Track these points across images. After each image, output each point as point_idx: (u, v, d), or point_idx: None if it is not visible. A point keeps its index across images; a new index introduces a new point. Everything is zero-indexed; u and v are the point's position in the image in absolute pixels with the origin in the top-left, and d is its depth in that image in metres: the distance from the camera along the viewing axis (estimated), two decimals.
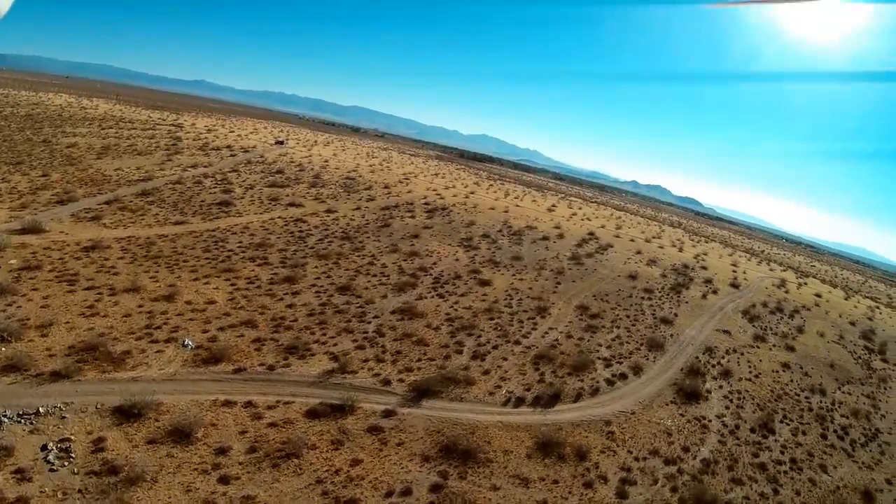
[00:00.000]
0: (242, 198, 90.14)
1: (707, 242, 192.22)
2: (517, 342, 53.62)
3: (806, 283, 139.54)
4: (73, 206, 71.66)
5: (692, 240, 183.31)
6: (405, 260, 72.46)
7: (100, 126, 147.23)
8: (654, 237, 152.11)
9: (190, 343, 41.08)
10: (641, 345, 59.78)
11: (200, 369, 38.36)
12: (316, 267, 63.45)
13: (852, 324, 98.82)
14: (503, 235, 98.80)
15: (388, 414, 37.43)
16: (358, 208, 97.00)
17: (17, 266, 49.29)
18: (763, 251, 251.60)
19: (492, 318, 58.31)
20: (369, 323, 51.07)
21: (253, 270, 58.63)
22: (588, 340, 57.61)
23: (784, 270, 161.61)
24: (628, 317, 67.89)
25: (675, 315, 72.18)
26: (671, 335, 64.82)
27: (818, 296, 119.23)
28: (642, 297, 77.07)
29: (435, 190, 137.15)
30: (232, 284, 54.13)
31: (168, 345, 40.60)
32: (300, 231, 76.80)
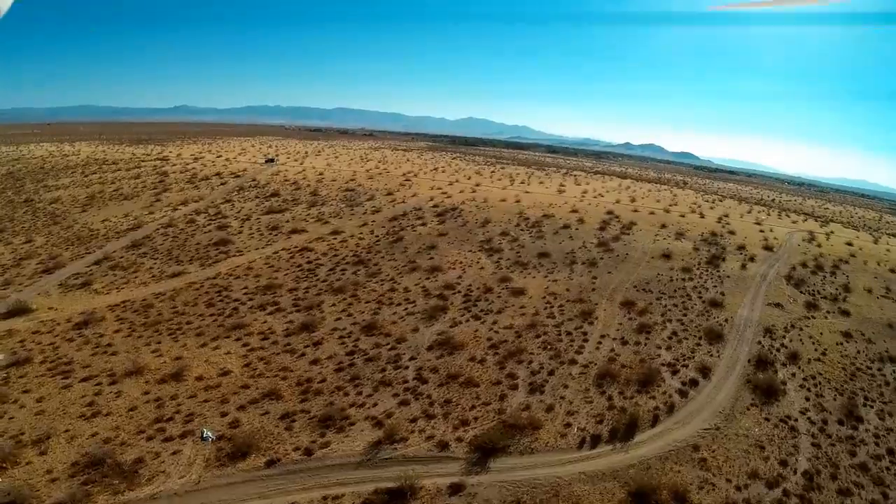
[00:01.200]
0: (240, 232, 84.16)
1: (721, 201, 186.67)
2: (573, 361, 47.81)
3: (833, 232, 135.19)
4: (61, 273, 66.02)
5: (707, 201, 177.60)
6: (428, 278, 66.47)
7: (83, 173, 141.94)
8: (670, 205, 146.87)
9: (210, 435, 34.75)
10: (700, 338, 54.82)
11: (227, 469, 32.17)
12: (333, 305, 57.20)
13: (893, 271, 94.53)
14: (522, 230, 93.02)
15: (455, 490, 31.47)
16: (364, 224, 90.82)
17: (4, 363, 43.28)
18: (774, 200, 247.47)
19: (538, 336, 52.45)
20: (407, 368, 44.90)
21: (265, 322, 52.41)
22: (645, 344, 52.33)
23: (805, 220, 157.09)
24: (676, 306, 62.75)
25: (722, 294, 67.45)
26: (725, 320, 59.94)
27: (850, 244, 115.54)
28: (683, 279, 72.21)
29: (440, 188, 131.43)
30: (245, 345, 47.96)
31: (185, 441, 34.39)
32: (308, 262, 70.73)
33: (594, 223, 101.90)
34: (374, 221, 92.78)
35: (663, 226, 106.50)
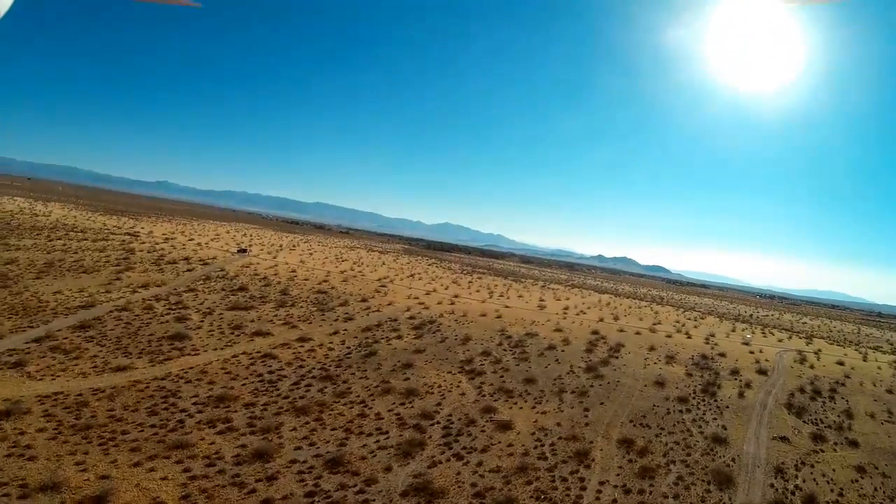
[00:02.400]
0: (200, 327, 76.61)
1: (703, 318, 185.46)
2: None
3: (820, 350, 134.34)
4: None
5: (689, 319, 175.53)
6: (403, 403, 59.18)
7: (48, 237, 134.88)
8: (654, 324, 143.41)
9: None
10: (709, 483, 49.66)
11: None
12: (294, 429, 49.41)
13: (890, 391, 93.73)
14: (505, 350, 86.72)
15: None
16: (335, 332, 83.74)
17: None
18: (752, 315, 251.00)
19: (529, 482, 45.47)
20: None
21: (213, 443, 44.55)
22: (650, 492, 46.45)
23: (789, 338, 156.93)
24: (678, 444, 57.53)
25: (724, 428, 63.36)
26: (732, 459, 55.38)
27: (840, 363, 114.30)
28: (680, 411, 67.77)
29: (416, 298, 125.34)
30: (186, 470, 39.96)
31: None
32: (270, 372, 63.01)
33: (580, 344, 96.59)
34: (345, 330, 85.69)
35: (652, 348, 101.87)
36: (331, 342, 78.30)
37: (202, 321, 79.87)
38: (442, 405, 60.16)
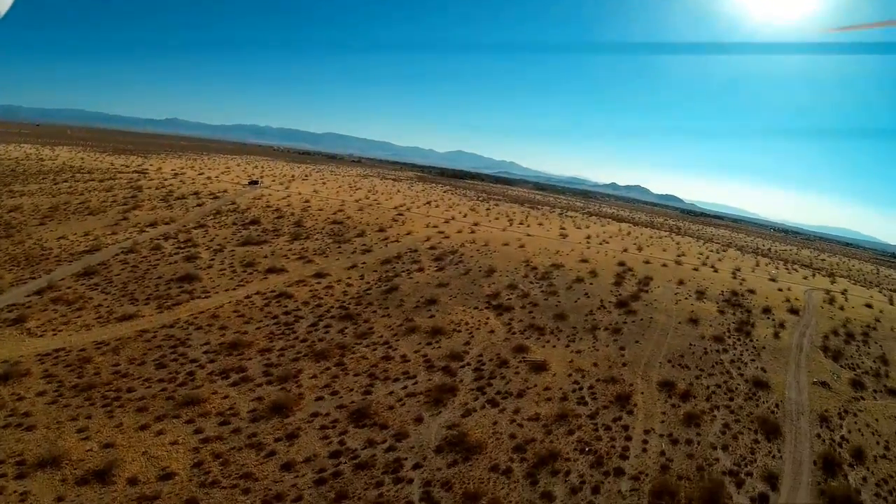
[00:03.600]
0: (210, 266, 72.64)
1: (725, 251, 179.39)
2: (619, 471, 37.22)
3: (847, 290, 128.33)
4: None
5: (712, 251, 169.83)
6: (429, 343, 55.13)
7: (53, 181, 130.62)
8: (679, 255, 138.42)
9: None
10: (756, 431, 45.76)
11: None
12: (314, 376, 45.45)
13: None
14: (532, 282, 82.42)
15: None
16: (353, 266, 79.45)
17: None
18: (771, 249, 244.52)
19: (571, 432, 41.60)
20: (411, 482, 33.44)
21: (227, 397, 40.72)
22: (698, 443, 42.57)
23: (812, 275, 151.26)
24: (720, 387, 53.49)
25: (764, 371, 59.12)
26: (776, 405, 51.42)
27: (869, 306, 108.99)
28: (718, 351, 63.46)
29: (435, 226, 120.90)
30: (197, 431, 36.20)
31: None
32: (286, 313, 58.89)
33: (608, 276, 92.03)
34: (364, 264, 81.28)
35: (681, 282, 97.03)
36: (349, 277, 74.18)
37: (213, 259, 75.89)
38: (471, 344, 56.21)
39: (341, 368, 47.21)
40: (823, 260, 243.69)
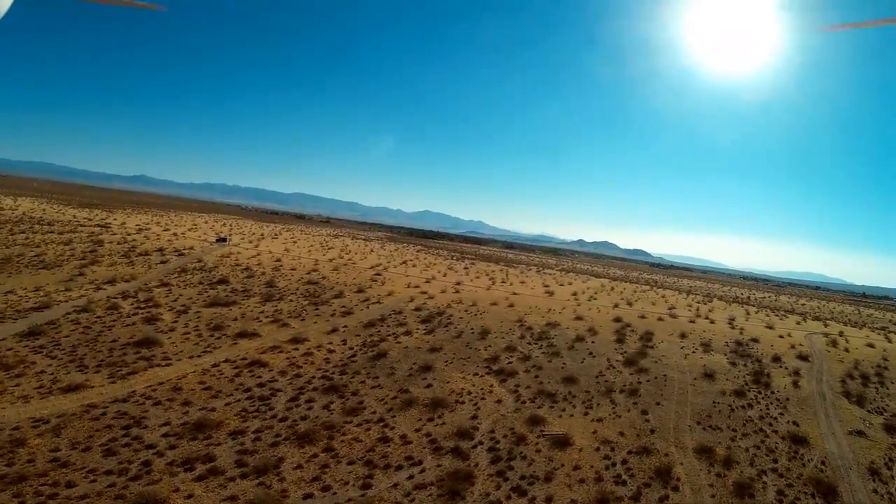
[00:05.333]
0: (173, 329, 63.77)
1: (710, 301, 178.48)
2: None
3: (843, 333, 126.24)
4: None
5: (698, 302, 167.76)
6: (431, 418, 47.10)
7: (10, 231, 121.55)
8: (670, 308, 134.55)
9: None
10: (812, 496, 41.79)
11: None
12: (299, 466, 36.86)
13: None
14: (530, 343, 75.42)
15: None
16: (334, 330, 71.16)
17: None
18: (750, 298, 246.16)
19: None
20: None
21: (191, 496, 31.98)
22: None
23: (803, 320, 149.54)
24: (758, 448, 49.02)
25: (796, 425, 55.50)
26: (822, 462, 47.86)
27: (871, 346, 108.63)
28: (742, 407, 59.04)
29: (417, 286, 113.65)
30: None
31: None
32: (260, 385, 50.14)
33: (608, 333, 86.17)
34: (345, 327, 72.84)
35: (683, 335, 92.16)
36: (330, 342, 65.72)
37: (176, 321, 67.16)
38: (478, 418, 48.45)
39: (331, 455, 38.71)
40: (803, 304, 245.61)
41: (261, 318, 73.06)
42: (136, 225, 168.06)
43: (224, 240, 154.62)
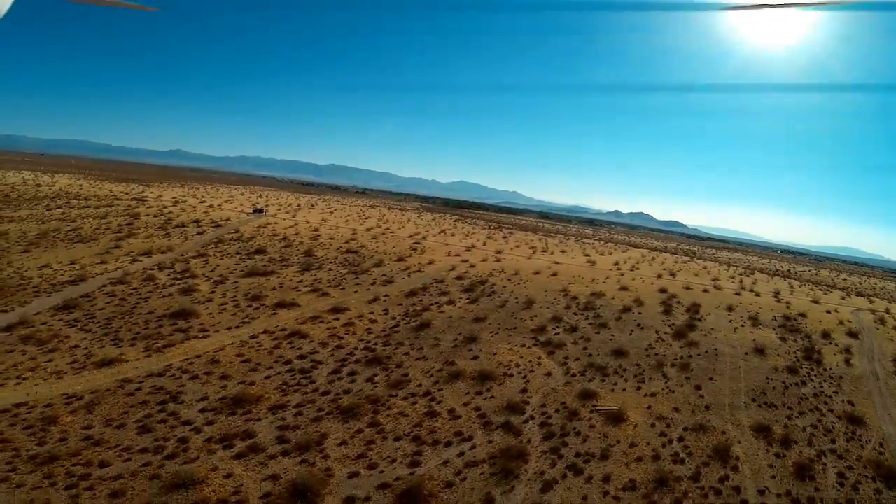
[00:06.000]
0: (210, 300, 62.47)
1: (752, 274, 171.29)
2: None
3: (889, 311, 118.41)
4: None
5: (740, 275, 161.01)
6: (478, 392, 44.91)
7: (47, 207, 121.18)
8: (714, 280, 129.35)
9: None
10: (874, 479, 38.74)
11: None
12: (343, 442, 35.02)
13: None
14: (576, 314, 72.48)
15: None
16: (375, 299, 69.19)
17: None
18: (790, 271, 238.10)
19: (678, 502, 32.71)
20: None
21: (230, 475, 30.31)
22: (820, 502, 35.02)
23: (848, 296, 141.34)
24: (815, 427, 46.04)
25: (851, 405, 51.92)
26: (880, 444, 44.62)
27: None
28: (796, 384, 55.46)
29: (457, 255, 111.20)
30: None
31: None
32: (300, 357, 48.51)
33: (654, 305, 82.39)
34: (386, 297, 70.86)
35: (730, 308, 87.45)
36: (371, 312, 63.81)
37: (213, 292, 65.81)
38: (528, 392, 46.18)
39: (377, 430, 36.77)
40: (844, 279, 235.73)
41: (300, 288, 71.45)
42: (173, 198, 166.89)
43: (260, 210, 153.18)
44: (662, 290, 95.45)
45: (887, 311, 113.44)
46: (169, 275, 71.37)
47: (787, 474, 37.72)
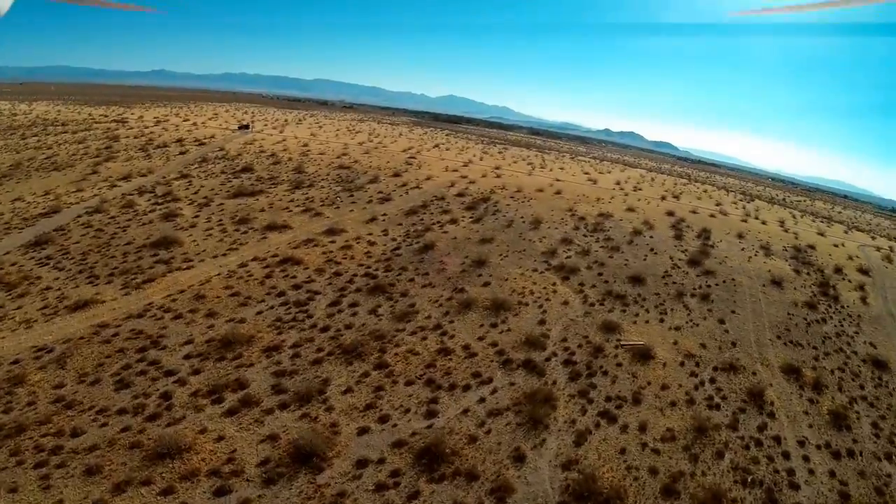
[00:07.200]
0: (194, 225, 57.45)
1: (751, 201, 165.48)
2: None
3: (894, 249, 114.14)
4: None
5: (741, 200, 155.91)
6: (494, 324, 40.82)
7: (22, 136, 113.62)
8: (717, 205, 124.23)
9: None
10: None
11: None
12: (348, 390, 30.76)
13: None
14: (586, 236, 68.20)
15: None
16: (373, 219, 64.30)
17: None
18: (785, 199, 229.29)
19: (720, 454, 29.96)
20: None
21: (221, 438, 26.10)
22: (860, 454, 32.94)
23: (848, 230, 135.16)
24: (842, 370, 43.59)
25: (874, 346, 49.37)
26: None
27: None
28: (817, 321, 52.31)
29: (455, 170, 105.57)
30: None
31: None
32: (295, 286, 43.85)
33: (664, 229, 78.36)
34: (385, 216, 65.77)
35: (740, 235, 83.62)
36: (370, 233, 59.01)
37: (197, 216, 60.72)
38: (547, 323, 42.18)
39: (384, 373, 32.58)
40: (840, 213, 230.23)
41: (290, 208, 66.41)
42: (154, 118, 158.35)
43: (246, 127, 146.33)
44: (670, 213, 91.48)
45: (892, 250, 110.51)
46: (149, 200, 66.04)
47: (823, 423, 35.18)
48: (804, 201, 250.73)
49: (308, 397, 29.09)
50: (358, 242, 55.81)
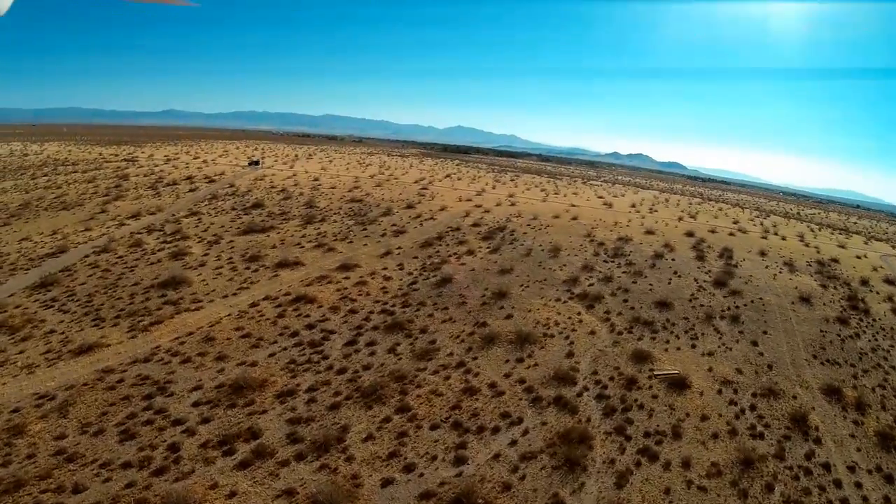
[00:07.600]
0: (203, 264, 55.92)
1: (766, 217, 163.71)
2: None
3: None
4: None
5: (755, 217, 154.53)
6: (519, 359, 38.82)
7: (32, 175, 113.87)
8: (735, 223, 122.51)
9: None
10: None
11: None
12: (369, 437, 28.72)
13: None
14: (605, 261, 66.55)
15: None
16: (387, 252, 62.65)
17: None
18: (799, 213, 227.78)
19: (769, 487, 28.19)
20: None
21: (234, 495, 24.12)
22: None
23: (868, 241, 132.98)
24: (883, 388, 41.52)
25: None
26: None
27: None
28: (851, 337, 50.40)
29: (469, 200, 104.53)
30: None
31: None
32: (308, 326, 42.00)
33: (685, 250, 76.54)
34: (399, 249, 64.10)
35: (762, 253, 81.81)
36: (384, 268, 57.29)
37: (206, 254, 59.33)
38: (575, 356, 40.11)
39: (407, 417, 30.51)
40: (855, 223, 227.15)
41: (302, 244, 64.95)
42: (165, 156, 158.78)
43: (257, 163, 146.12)
44: (689, 234, 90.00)
45: None
46: (158, 238, 64.87)
47: (871, 445, 33.25)
48: (819, 214, 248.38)
49: (326, 446, 27.03)
50: (373, 277, 54.06)
